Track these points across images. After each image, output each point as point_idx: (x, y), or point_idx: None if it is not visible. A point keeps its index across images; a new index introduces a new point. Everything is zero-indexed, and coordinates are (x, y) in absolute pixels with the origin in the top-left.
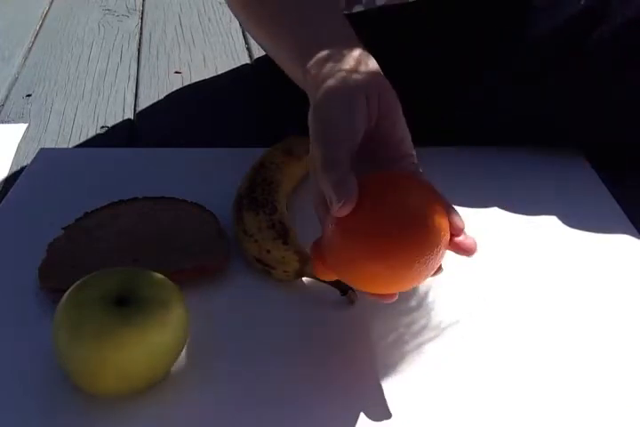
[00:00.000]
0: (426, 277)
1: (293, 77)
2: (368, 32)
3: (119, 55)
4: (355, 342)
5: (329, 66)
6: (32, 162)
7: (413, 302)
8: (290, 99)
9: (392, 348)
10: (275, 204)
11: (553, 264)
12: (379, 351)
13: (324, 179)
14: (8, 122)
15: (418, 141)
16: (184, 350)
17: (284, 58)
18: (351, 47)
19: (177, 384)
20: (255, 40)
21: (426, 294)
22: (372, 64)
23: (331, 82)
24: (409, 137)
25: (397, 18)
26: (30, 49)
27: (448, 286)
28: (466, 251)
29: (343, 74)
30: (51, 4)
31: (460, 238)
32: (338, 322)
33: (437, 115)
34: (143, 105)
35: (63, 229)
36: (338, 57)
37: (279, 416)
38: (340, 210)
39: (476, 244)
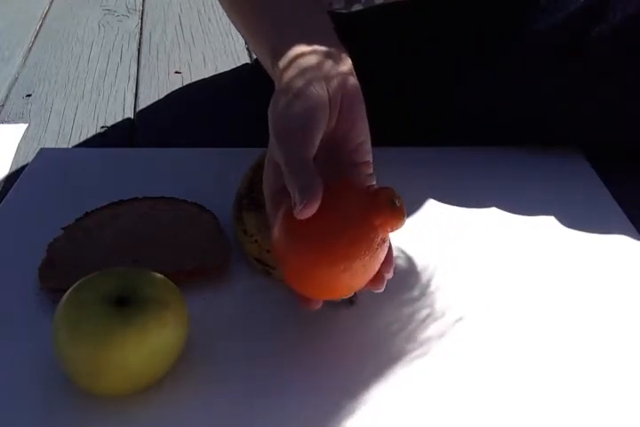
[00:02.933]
0: (346, 286)
1: (267, 69)
2: (367, 31)
3: (119, 55)
4: (355, 342)
5: (297, 64)
6: (32, 162)
7: (417, 303)
8: None
9: (393, 348)
10: None
11: (553, 264)
12: (379, 351)
13: (292, 181)
14: (8, 122)
15: (418, 142)
16: (184, 350)
17: (260, 51)
18: (325, 45)
19: (177, 384)
20: (235, 27)
21: (426, 296)
22: (343, 64)
23: (297, 82)
24: (368, 143)
25: (396, 17)
26: (30, 49)
27: (447, 287)
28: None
29: (310, 73)
30: (51, 4)
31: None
32: (338, 322)
33: (437, 115)
34: (143, 105)
35: (63, 229)
36: (308, 55)
37: (279, 416)
38: (303, 212)
39: (384, 282)
